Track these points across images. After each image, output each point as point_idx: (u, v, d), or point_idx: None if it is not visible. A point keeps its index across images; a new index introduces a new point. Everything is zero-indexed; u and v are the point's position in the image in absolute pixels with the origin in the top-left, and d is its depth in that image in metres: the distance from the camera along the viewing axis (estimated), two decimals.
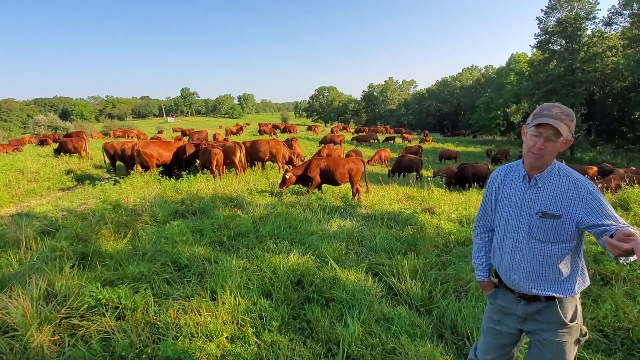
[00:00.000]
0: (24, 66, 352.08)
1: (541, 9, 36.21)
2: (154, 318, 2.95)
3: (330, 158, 9.51)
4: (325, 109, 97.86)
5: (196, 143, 13.42)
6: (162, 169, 11.23)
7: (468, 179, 13.34)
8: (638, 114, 32.70)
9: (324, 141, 26.98)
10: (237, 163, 11.67)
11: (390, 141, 35.71)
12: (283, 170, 12.17)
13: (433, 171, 17.17)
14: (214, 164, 11.03)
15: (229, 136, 32.37)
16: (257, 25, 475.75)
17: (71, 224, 5.21)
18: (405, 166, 15.99)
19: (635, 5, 31.06)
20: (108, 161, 14.45)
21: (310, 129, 46.04)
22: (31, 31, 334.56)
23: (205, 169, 11.37)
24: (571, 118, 1.56)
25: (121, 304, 3.04)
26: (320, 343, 2.77)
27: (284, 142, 13.98)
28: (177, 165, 12.48)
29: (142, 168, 11.27)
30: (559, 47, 35.58)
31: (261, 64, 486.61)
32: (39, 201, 9.45)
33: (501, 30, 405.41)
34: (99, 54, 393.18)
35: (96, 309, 2.98)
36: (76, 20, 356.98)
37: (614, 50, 33.90)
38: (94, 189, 9.72)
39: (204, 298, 3.22)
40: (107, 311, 2.95)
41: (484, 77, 72.29)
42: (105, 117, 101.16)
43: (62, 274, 3.42)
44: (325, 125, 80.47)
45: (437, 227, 5.73)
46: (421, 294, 3.47)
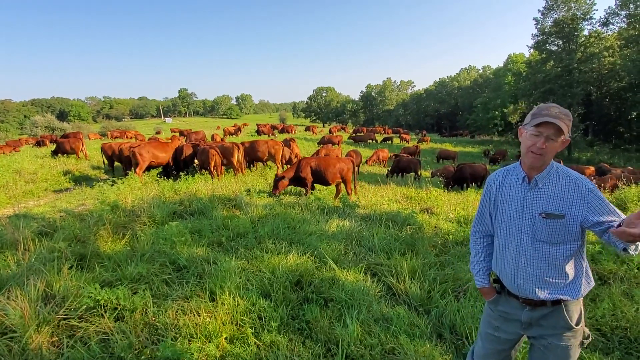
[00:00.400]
0: (21, 67, 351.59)
1: (538, 10, 36.39)
2: (153, 319, 2.94)
3: (320, 157, 9.34)
4: (323, 109, 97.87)
5: (194, 144, 13.40)
6: (160, 169, 11.21)
7: (466, 179, 13.38)
8: (635, 114, 32.84)
9: (322, 142, 27.01)
10: (235, 163, 11.67)
11: (389, 141, 35.76)
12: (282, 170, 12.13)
13: (431, 171, 17.20)
14: (212, 164, 11.02)
15: (226, 137, 32.34)
16: (255, 25, 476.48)
17: (69, 225, 5.18)
18: (403, 166, 16.02)
19: (631, 6, 31.24)
20: (106, 162, 14.45)
21: (309, 129, 46.08)
22: (28, 31, 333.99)
23: (203, 169, 11.37)
24: (569, 118, 1.58)
25: (120, 305, 3.03)
26: (320, 343, 2.77)
27: (282, 142, 13.98)
28: (174, 166, 12.46)
29: (137, 169, 11.21)
30: (556, 48, 35.73)
31: (259, 64, 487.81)
32: (37, 202, 9.41)
33: (498, 31, 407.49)
34: (96, 54, 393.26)
35: (95, 310, 2.97)
36: (74, 21, 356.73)
37: (611, 51, 34.05)
38: (91, 190, 9.70)
39: (202, 299, 3.22)
40: (105, 312, 2.94)
41: (481, 78, 72.51)
42: (103, 118, 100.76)
43: (60, 275, 3.40)
44: (324, 126, 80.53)
45: (436, 227, 5.74)
46: (420, 294, 3.47)
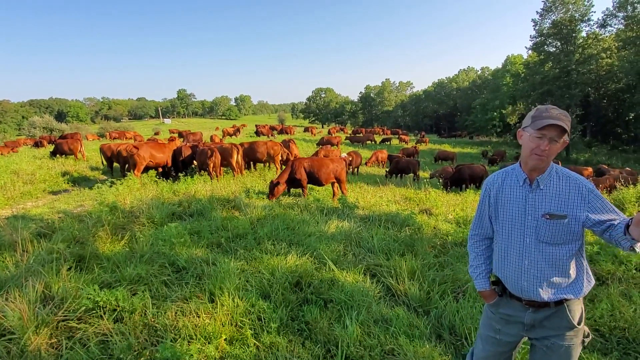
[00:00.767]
0: (19, 67, 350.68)
1: (536, 11, 36.54)
2: (152, 320, 2.93)
3: (313, 158, 9.32)
4: (322, 110, 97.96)
5: (193, 145, 13.40)
6: (160, 169, 11.19)
7: (465, 180, 13.40)
8: (632, 115, 32.95)
9: (321, 142, 27.05)
10: (234, 164, 11.66)
11: (387, 142, 35.80)
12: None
13: (430, 172, 17.22)
14: (211, 165, 11.01)
15: (225, 137, 32.34)
16: (254, 26, 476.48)
17: (68, 226, 5.17)
18: (402, 167, 16.04)
19: (629, 8, 31.38)
20: (105, 163, 14.44)
21: (307, 130, 46.14)
22: (26, 32, 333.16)
23: (202, 170, 11.36)
24: (569, 118, 1.60)
25: (119, 306, 3.02)
26: (319, 344, 2.77)
27: (281, 143, 13.99)
28: (173, 167, 12.45)
29: (135, 171, 11.18)
30: (554, 49, 35.87)
31: (258, 65, 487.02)
32: (35, 203, 9.39)
33: (497, 32, 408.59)
34: (95, 55, 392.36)
35: (94, 311, 2.97)
36: (72, 21, 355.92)
37: (609, 52, 34.21)
38: (90, 191, 9.68)
39: (202, 300, 3.21)
40: (104, 314, 2.94)
41: (480, 79, 72.73)
42: (101, 119, 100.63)
43: (59, 276, 3.40)
44: (323, 127, 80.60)
45: (435, 228, 5.75)
46: (419, 294, 3.48)
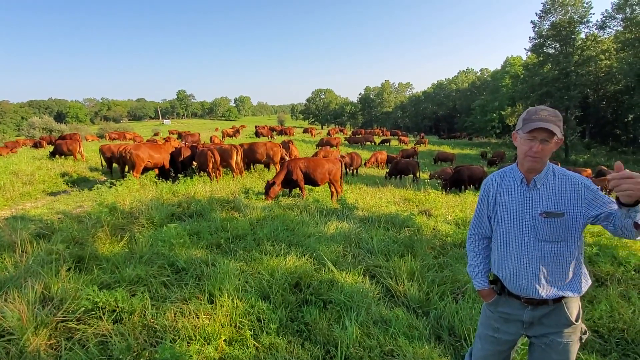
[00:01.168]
0: (18, 68, 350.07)
1: (535, 13, 36.60)
2: (152, 321, 2.93)
3: (309, 158, 9.34)
4: (321, 111, 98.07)
5: (192, 145, 13.40)
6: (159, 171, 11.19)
7: (464, 181, 13.42)
8: (631, 116, 33.06)
9: (320, 143, 27.09)
10: (234, 165, 11.67)
11: (387, 144, 35.83)
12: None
13: (429, 173, 17.24)
14: (211, 166, 11.02)
15: (225, 138, 32.35)
16: (253, 27, 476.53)
17: (67, 227, 5.17)
18: (401, 169, 16.06)
19: (627, 10, 31.48)
20: (105, 164, 14.44)
21: (307, 131, 46.17)
22: (25, 32, 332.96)
23: (201, 171, 11.36)
24: (559, 118, 1.62)
25: (118, 307, 3.02)
26: (319, 345, 2.77)
27: (280, 145, 14.00)
28: (173, 168, 12.45)
29: (134, 171, 11.18)
30: (554, 51, 35.94)
31: (258, 66, 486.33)
32: (34, 204, 9.38)
33: (496, 34, 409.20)
34: (94, 55, 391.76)
35: (93, 312, 2.97)
36: (71, 22, 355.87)
37: (608, 54, 34.30)
38: (89, 192, 9.67)
39: (201, 301, 3.21)
40: (104, 314, 2.93)
41: (479, 80, 72.89)
42: (101, 120, 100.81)
43: (58, 277, 3.40)
44: (322, 128, 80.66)
45: (434, 229, 5.76)
46: (418, 295, 3.48)
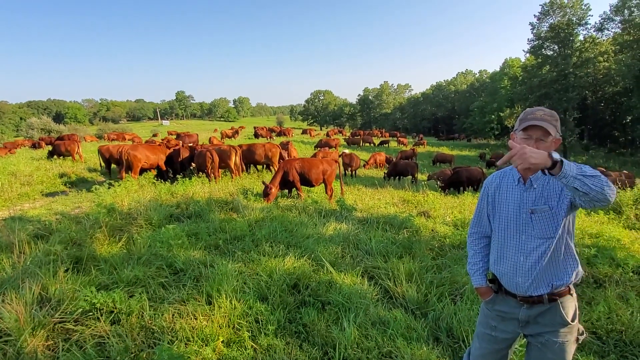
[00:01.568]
0: (17, 68, 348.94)
1: (534, 15, 36.83)
2: (149, 322, 2.93)
3: (304, 159, 9.36)
4: (320, 112, 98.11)
5: (191, 146, 13.39)
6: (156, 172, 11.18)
7: (462, 182, 13.43)
8: (630, 118, 33.18)
9: (319, 145, 27.09)
10: (233, 166, 11.65)
11: (386, 145, 35.86)
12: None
13: (428, 175, 17.24)
14: (209, 167, 11.00)
15: (224, 139, 32.34)
16: (253, 28, 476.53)
17: (65, 228, 5.16)
18: (400, 170, 16.07)
19: (626, 12, 31.63)
20: (103, 164, 14.40)
21: (306, 132, 46.22)
22: (24, 33, 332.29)
23: (200, 172, 11.35)
24: (555, 118, 1.65)
25: (116, 308, 3.01)
26: (317, 347, 2.77)
27: (279, 146, 14.00)
28: (171, 169, 12.43)
29: (132, 172, 11.15)
30: (552, 52, 36.13)
31: (257, 67, 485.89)
32: (32, 205, 9.35)
33: (495, 35, 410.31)
34: (93, 56, 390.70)
35: (91, 313, 2.96)
36: (70, 22, 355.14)
37: (606, 56, 34.48)
38: (88, 193, 9.64)
39: (199, 302, 3.21)
40: (101, 315, 2.93)
41: (478, 82, 73.03)
42: (100, 120, 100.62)
43: (56, 278, 3.38)
44: (321, 129, 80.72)
45: (433, 230, 5.76)
46: (417, 297, 3.48)
